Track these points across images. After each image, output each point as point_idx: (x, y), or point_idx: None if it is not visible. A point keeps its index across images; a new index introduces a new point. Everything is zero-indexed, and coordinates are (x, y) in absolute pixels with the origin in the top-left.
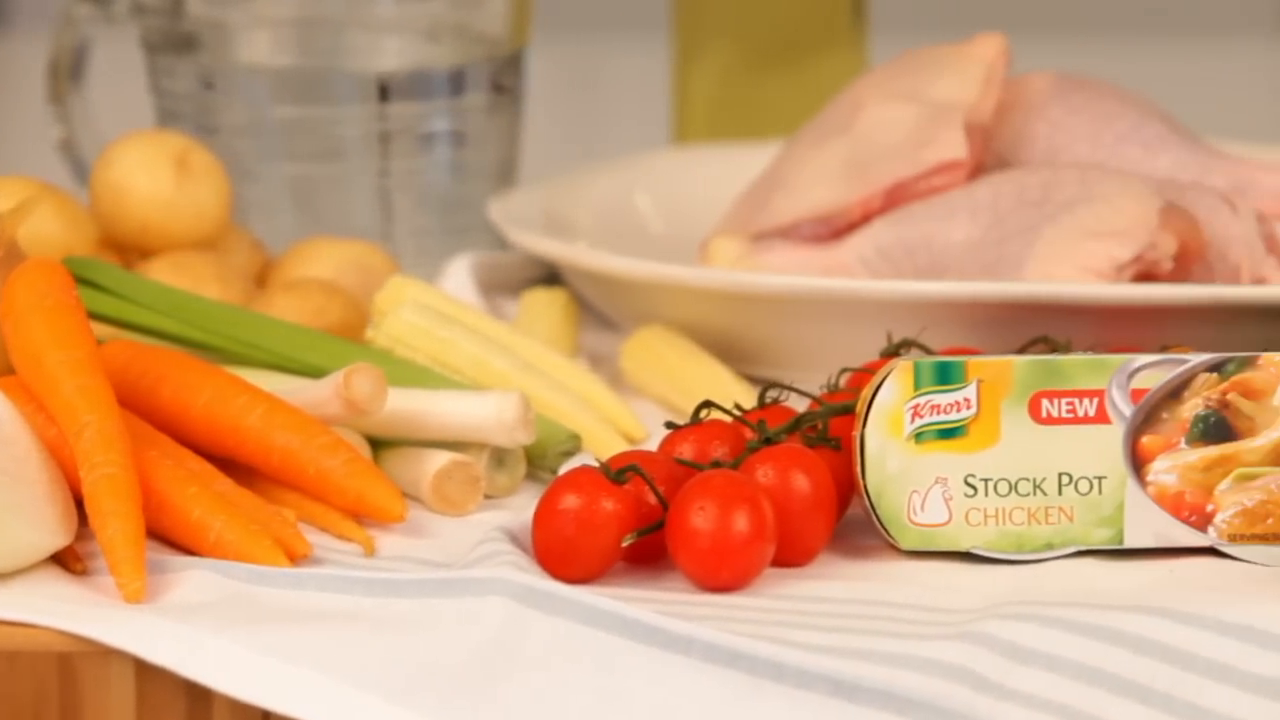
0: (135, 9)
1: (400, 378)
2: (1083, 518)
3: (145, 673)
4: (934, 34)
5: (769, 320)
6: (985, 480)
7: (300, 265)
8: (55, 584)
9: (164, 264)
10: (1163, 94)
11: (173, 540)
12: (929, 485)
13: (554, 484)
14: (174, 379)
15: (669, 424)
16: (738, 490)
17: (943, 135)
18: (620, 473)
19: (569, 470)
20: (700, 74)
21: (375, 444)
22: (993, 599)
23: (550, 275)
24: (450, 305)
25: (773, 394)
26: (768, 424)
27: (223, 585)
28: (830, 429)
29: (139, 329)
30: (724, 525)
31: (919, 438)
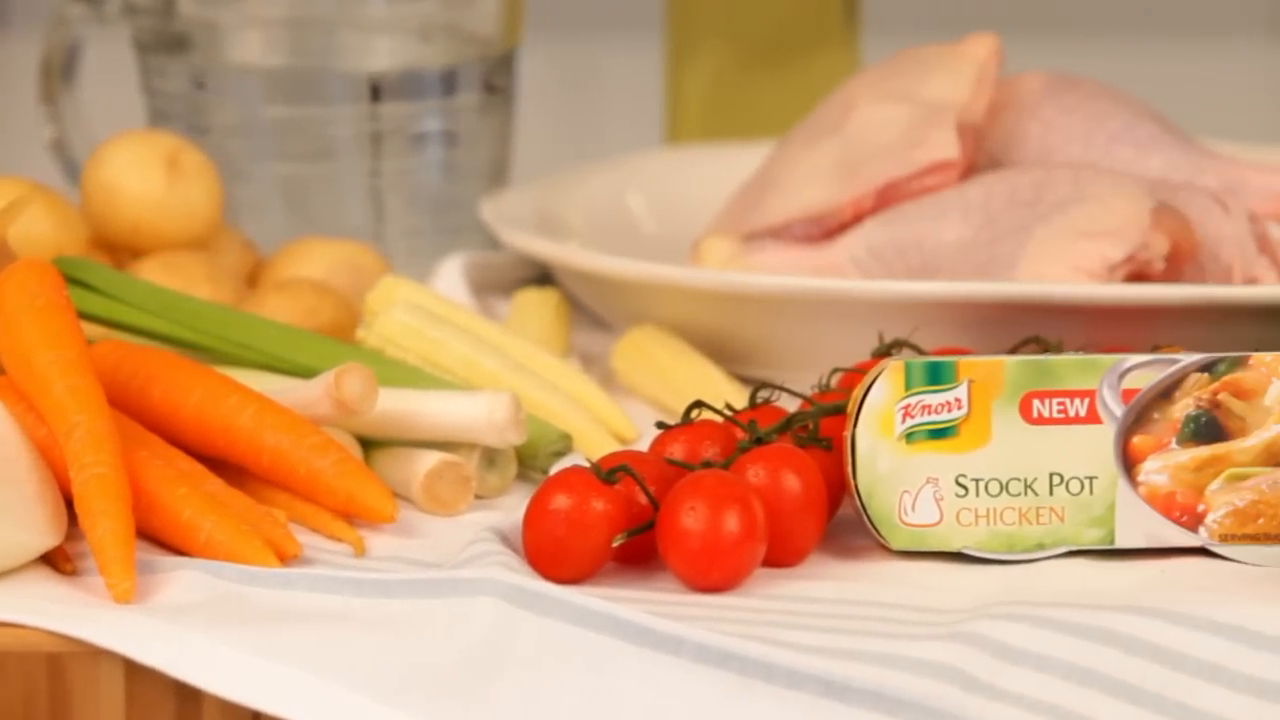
0: (127, 9)
1: (391, 378)
2: (1074, 518)
3: (135, 673)
4: (927, 34)
5: (761, 320)
6: (976, 480)
7: (292, 265)
8: (45, 584)
9: (155, 264)
10: (1158, 94)
11: (163, 540)
12: (920, 485)
13: (544, 484)
14: (165, 379)
15: (660, 424)
16: (728, 490)
17: (934, 135)
18: (611, 473)
19: (560, 470)
20: (693, 74)
21: (366, 444)
22: (984, 599)
23: (542, 275)
24: (441, 305)
25: (764, 394)
26: (759, 424)
27: (213, 585)
28: (821, 429)
29: (130, 329)
30: (715, 525)
31: (910, 438)
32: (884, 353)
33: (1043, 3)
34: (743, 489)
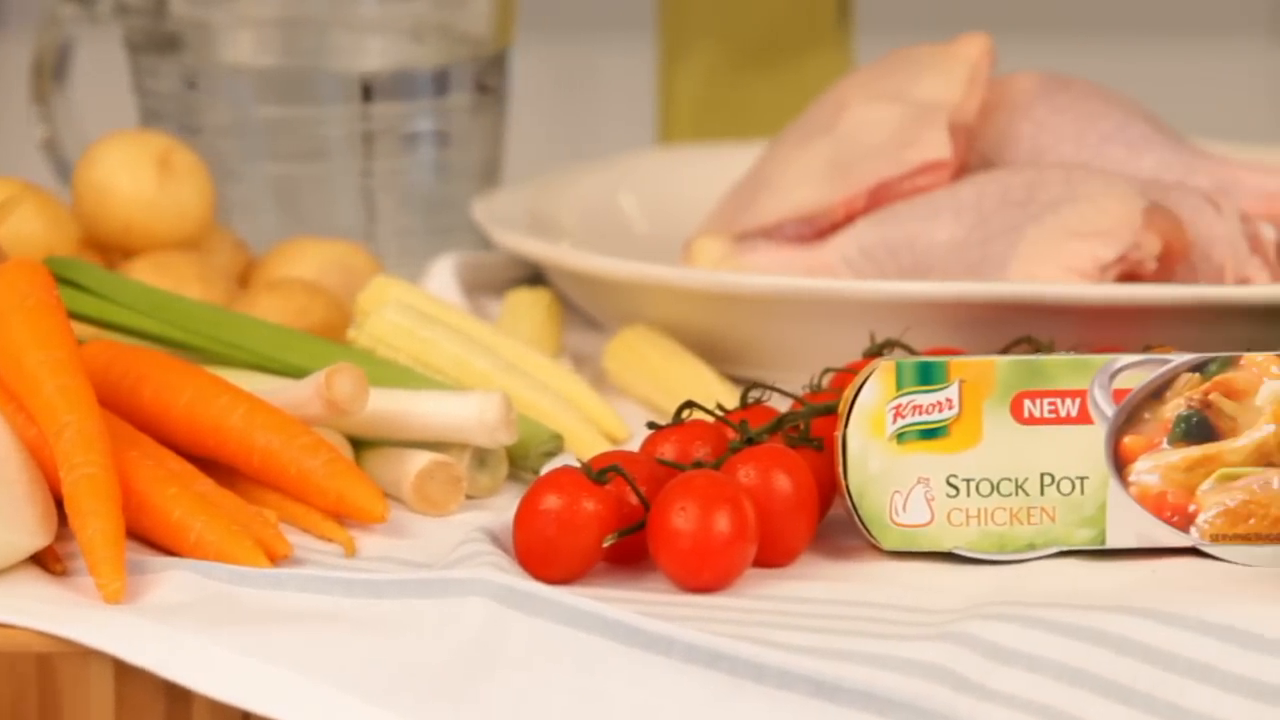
0: (119, 9)
1: (382, 378)
2: (1065, 518)
3: (124, 673)
4: (919, 34)
5: (752, 320)
6: (967, 480)
7: (283, 265)
8: (34, 584)
9: (146, 264)
10: (1154, 94)
11: (153, 541)
12: (911, 485)
13: (535, 484)
14: (155, 379)
15: (651, 424)
16: (719, 491)
17: (926, 135)
18: (602, 473)
19: (550, 470)
20: (685, 74)
21: (357, 444)
22: (974, 599)
23: (534, 275)
24: (433, 305)
25: (755, 394)
26: (750, 424)
27: (203, 586)
28: (812, 429)
29: (120, 329)
30: (705, 526)
31: (901, 438)
32: (875, 353)
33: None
34: (733, 489)
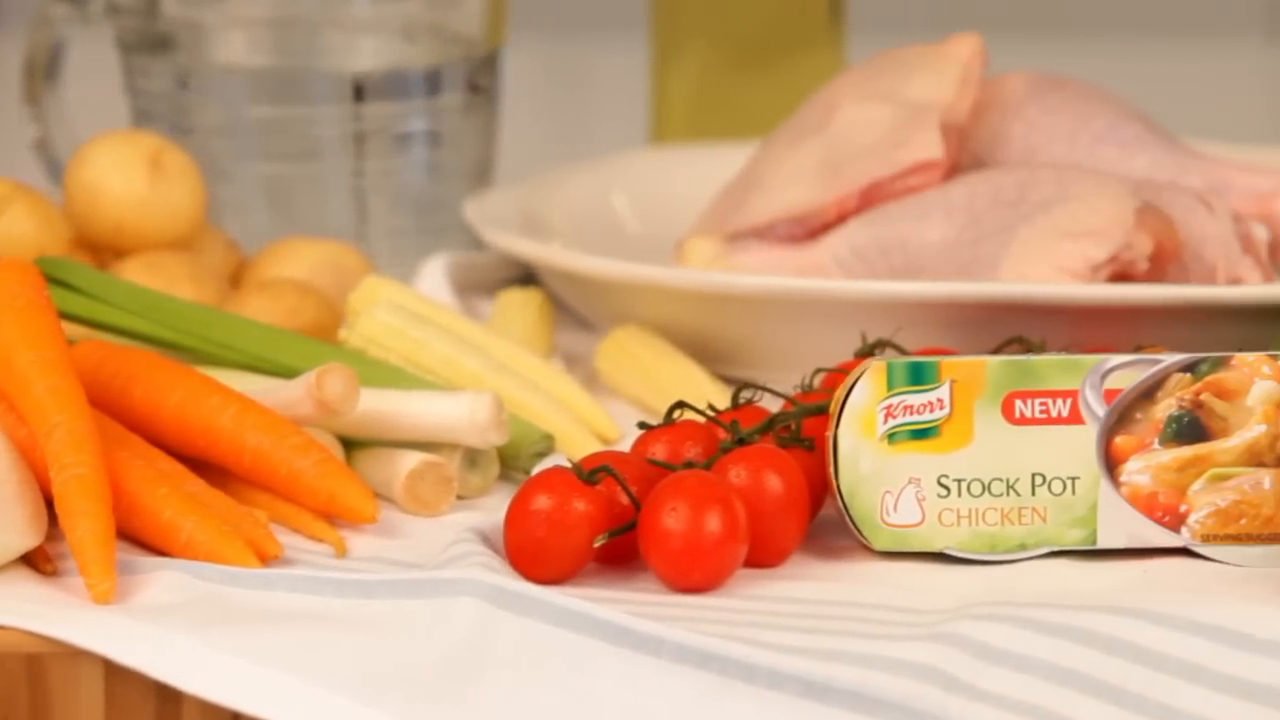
0: (110, 9)
1: (373, 378)
2: (1056, 518)
3: (114, 674)
4: (912, 34)
5: (744, 320)
6: (958, 481)
7: (275, 265)
8: (25, 585)
9: (138, 264)
10: (1149, 94)
11: (144, 541)
12: (902, 486)
13: (525, 484)
14: (146, 379)
15: (642, 424)
16: (710, 491)
17: (918, 135)
18: (592, 473)
19: (541, 471)
20: (678, 74)
21: (348, 444)
22: (965, 600)
23: (526, 275)
24: (424, 305)
25: (746, 394)
26: (741, 424)
27: (193, 586)
28: (804, 429)
29: (111, 329)
30: (696, 526)
31: (892, 438)
32: (867, 353)
33: (1028, 3)
34: (724, 489)
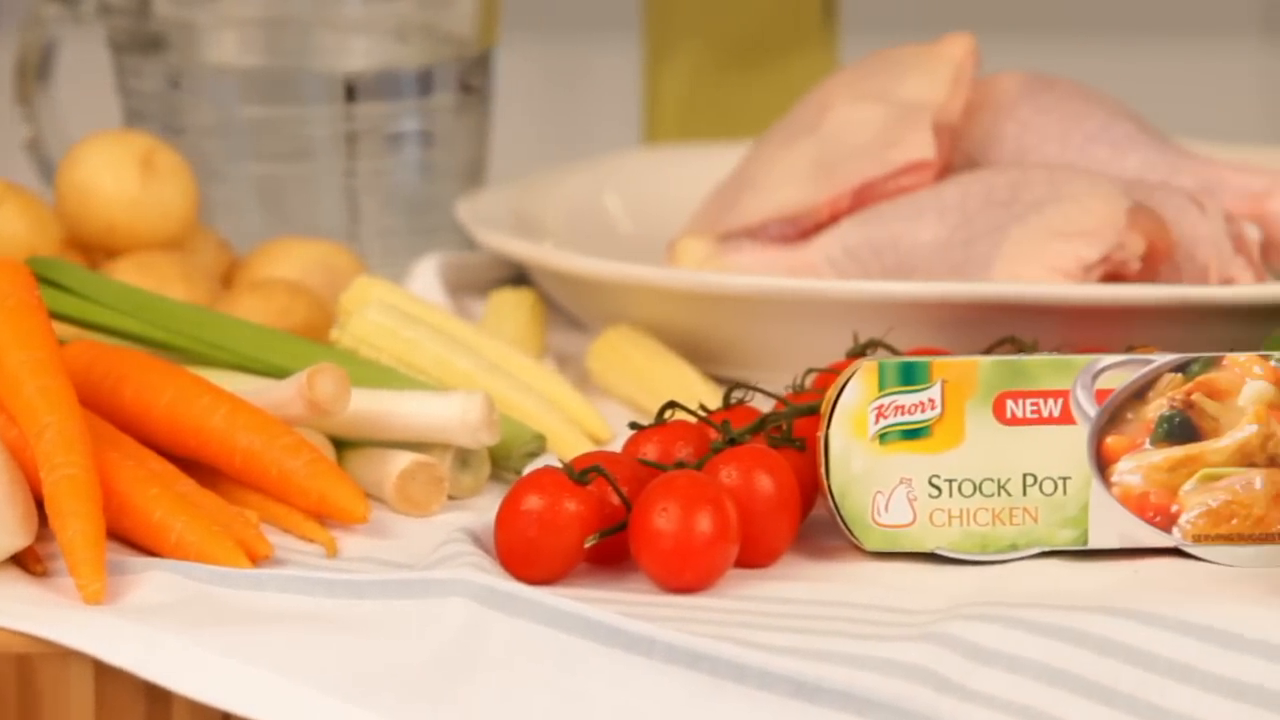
0: (102, 9)
1: (364, 378)
2: (1047, 518)
3: (104, 674)
4: (905, 34)
5: (736, 321)
6: (949, 481)
7: (266, 265)
8: (14, 585)
9: (129, 264)
10: (1144, 94)
11: (134, 541)
12: (893, 486)
13: (516, 485)
14: (136, 379)
15: (633, 424)
16: (701, 491)
17: (910, 136)
18: (583, 473)
19: (532, 471)
20: (671, 74)
21: (339, 445)
22: (956, 600)
23: (518, 276)
24: (415, 305)
25: (738, 394)
26: (732, 424)
27: (183, 586)
28: (795, 429)
29: (102, 329)
30: (687, 526)
31: (883, 438)
32: (858, 353)
33: (1021, 3)
34: (715, 490)
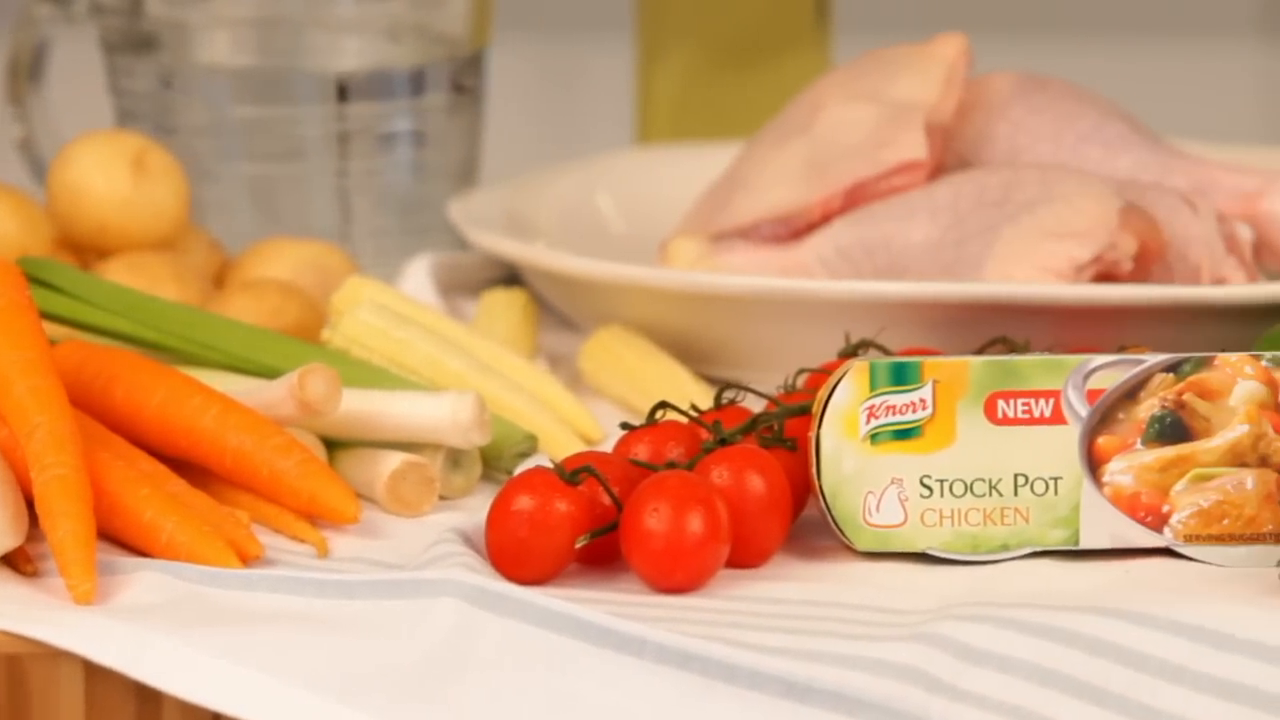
0: (94, 9)
1: (356, 378)
2: (1038, 519)
3: (94, 674)
4: (898, 34)
5: (728, 321)
6: (941, 481)
7: (258, 265)
8: (4, 585)
9: (121, 264)
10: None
11: (124, 542)
12: (884, 486)
13: (507, 485)
14: (127, 380)
15: (624, 425)
16: (692, 491)
17: (903, 136)
18: (574, 474)
19: (523, 471)
20: (663, 74)
21: (330, 445)
22: (948, 600)
23: (510, 276)
24: (407, 306)
25: (729, 395)
26: (724, 425)
27: (174, 586)
28: (786, 430)
29: (94, 329)
30: (678, 526)
31: (874, 438)
32: (850, 353)
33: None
34: (706, 490)
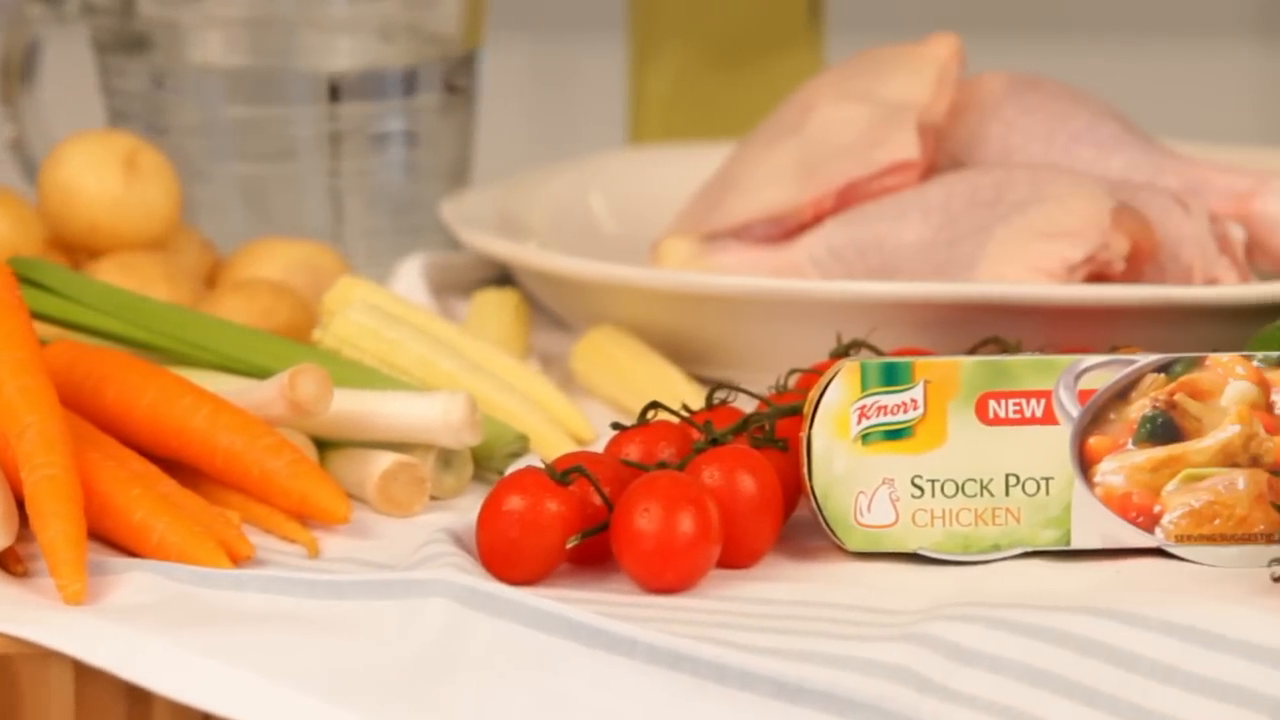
0: (86, 9)
1: (347, 379)
2: (1030, 519)
3: (85, 675)
4: (891, 34)
5: (720, 321)
6: (932, 481)
7: (250, 265)
8: None
9: (112, 264)
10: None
11: (115, 542)
12: (875, 486)
13: (498, 485)
14: (118, 380)
15: (615, 425)
16: (683, 491)
17: (895, 136)
18: (565, 474)
19: (514, 471)
20: (656, 74)
21: (321, 445)
22: (939, 600)
23: (503, 276)
24: (398, 306)
25: (721, 395)
26: (715, 425)
27: (164, 587)
28: (778, 430)
29: (85, 329)
30: (669, 527)
31: (865, 438)
32: (842, 353)
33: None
34: (697, 490)
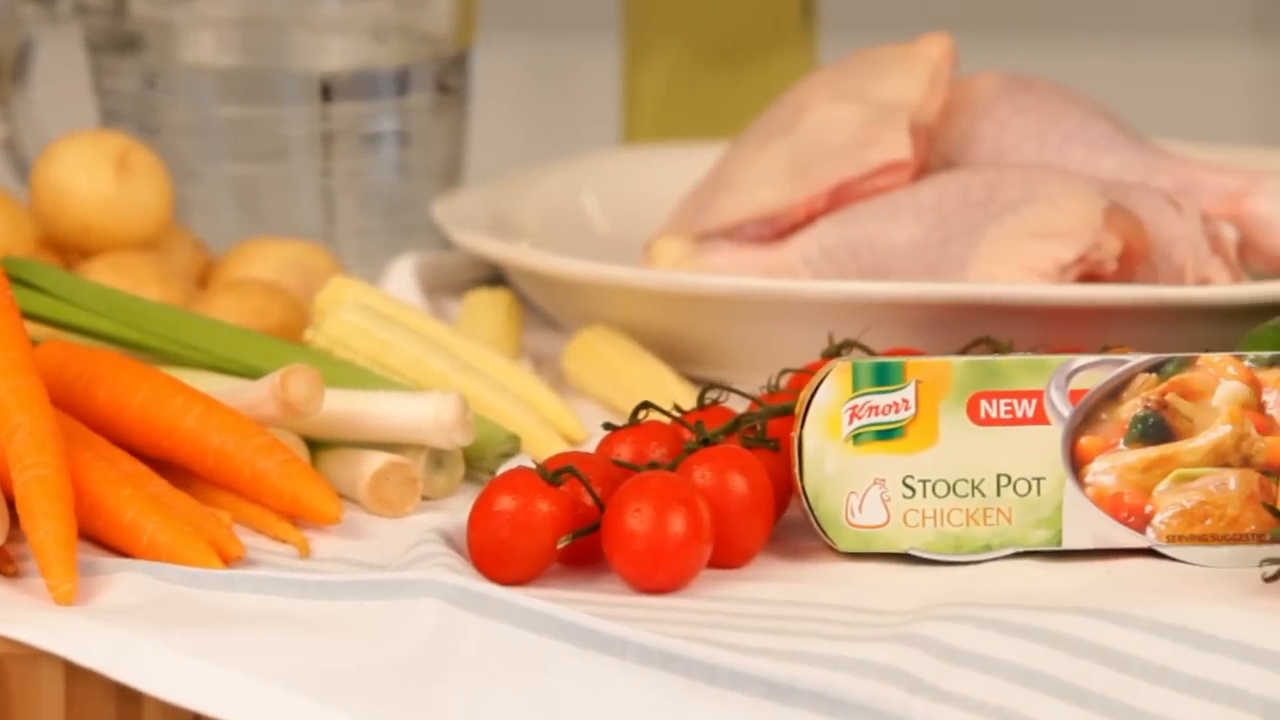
0: (79, 8)
1: (339, 379)
2: (1021, 519)
3: (75, 675)
4: (884, 34)
5: (712, 321)
6: (923, 481)
7: (242, 265)
8: None
9: (104, 264)
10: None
11: (106, 542)
12: (867, 486)
13: (489, 485)
14: (109, 380)
15: (607, 425)
16: (674, 492)
17: (887, 136)
18: (556, 474)
19: (506, 471)
20: (649, 74)
21: (313, 445)
22: (930, 600)
23: (495, 276)
24: (390, 306)
25: (712, 395)
26: (706, 425)
27: (155, 587)
28: (769, 430)
29: (76, 330)
30: (660, 527)
31: (857, 439)
32: (834, 353)
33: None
34: (688, 490)
